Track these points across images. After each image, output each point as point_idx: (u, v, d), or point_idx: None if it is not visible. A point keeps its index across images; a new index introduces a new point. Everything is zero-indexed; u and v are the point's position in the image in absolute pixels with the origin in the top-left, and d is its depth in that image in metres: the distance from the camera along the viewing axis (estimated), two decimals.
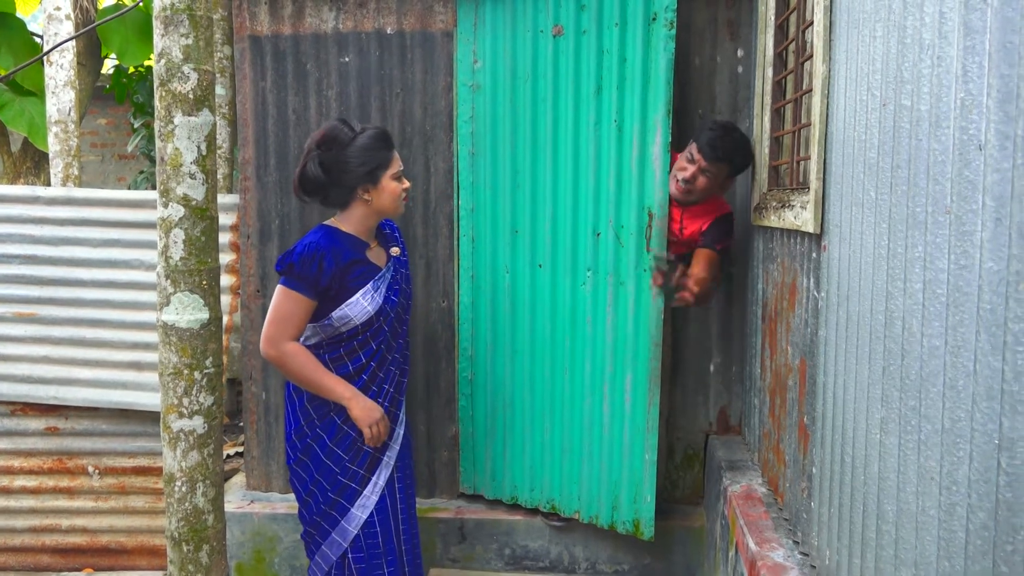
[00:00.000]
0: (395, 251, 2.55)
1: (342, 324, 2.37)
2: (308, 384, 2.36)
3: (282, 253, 2.40)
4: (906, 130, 1.38)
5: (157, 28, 1.85)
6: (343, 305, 2.35)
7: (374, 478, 2.45)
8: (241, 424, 4.84)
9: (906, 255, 1.37)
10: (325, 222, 2.45)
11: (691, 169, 2.72)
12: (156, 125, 1.89)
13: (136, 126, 6.26)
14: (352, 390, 2.35)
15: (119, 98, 6.33)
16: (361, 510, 2.44)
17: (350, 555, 2.44)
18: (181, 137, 1.87)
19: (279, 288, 2.33)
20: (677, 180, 2.76)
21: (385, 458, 2.48)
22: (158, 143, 1.89)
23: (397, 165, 2.41)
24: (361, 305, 2.37)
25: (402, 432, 2.55)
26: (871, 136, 1.56)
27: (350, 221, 2.42)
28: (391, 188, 2.39)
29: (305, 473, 2.45)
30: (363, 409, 2.35)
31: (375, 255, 2.47)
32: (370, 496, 2.45)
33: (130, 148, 6.51)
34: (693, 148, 2.73)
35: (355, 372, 2.42)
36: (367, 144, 2.34)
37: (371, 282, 2.40)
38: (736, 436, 3.17)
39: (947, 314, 1.21)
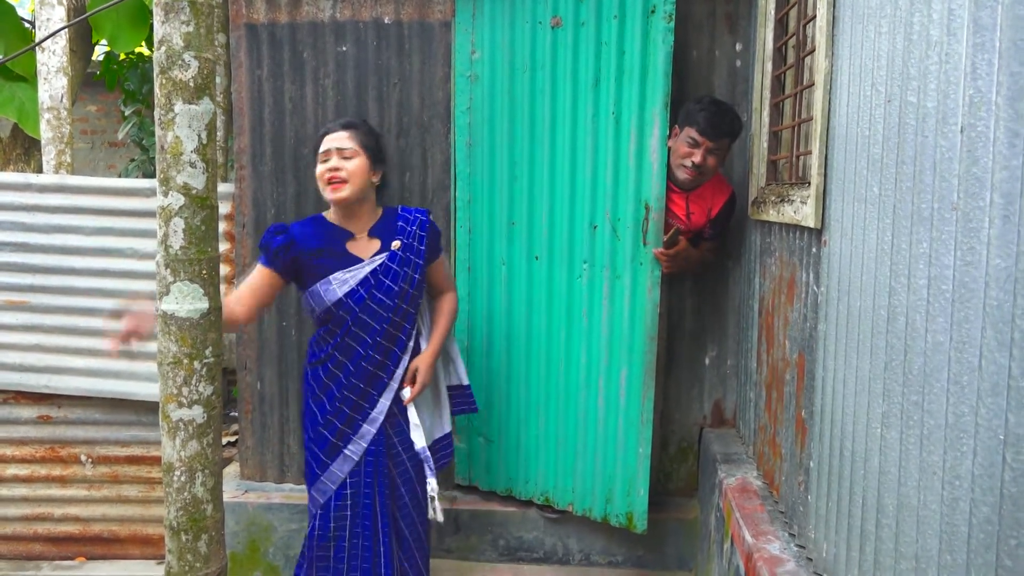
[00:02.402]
0: (395, 245, 2.44)
1: (307, 309, 2.46)
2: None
3: None
4: (912, 126, 1.38)
5: (157, 15, 1.83)
6: (306, 291, 2.43)
7: (331, 465, 2.44)
8: (233, 414, 4.83)
9: (910, 251, 1.37)
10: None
11: (699, 152, 2.73)
12: (156, 113, 1.87)
13: (127, 113, 6.20)
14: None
15: (110, 85, 6.27)
16: (319, 494, 2.45)
17: (308, 531, 2.50)
18: (182, 125, 1.85)
19: None
20: (685, 167, 2.75)
21: (346, 450, 2.44)
22: (158, 131, 1.88)
23: (324, 144, 2.39)
24: (318, 294, 2.39)
25: (373, 430, 2.45)
26: (875, 132, 1.57)
27: (332, 209, 2.48)
28: (318, 171, 2.40)
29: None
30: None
31: (358, 246, 2.43)
32: (325, 482, 2.45)
33: (120, 135, 6.46)
34: (693, 132, 2.72)
35: (324, 357, 2.46)
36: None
37: (336, 272, 2.38)
38: (730, 429, 3.18)
39: (952, 310, 1.22)
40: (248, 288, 2.38)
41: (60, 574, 3.35)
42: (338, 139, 2.37)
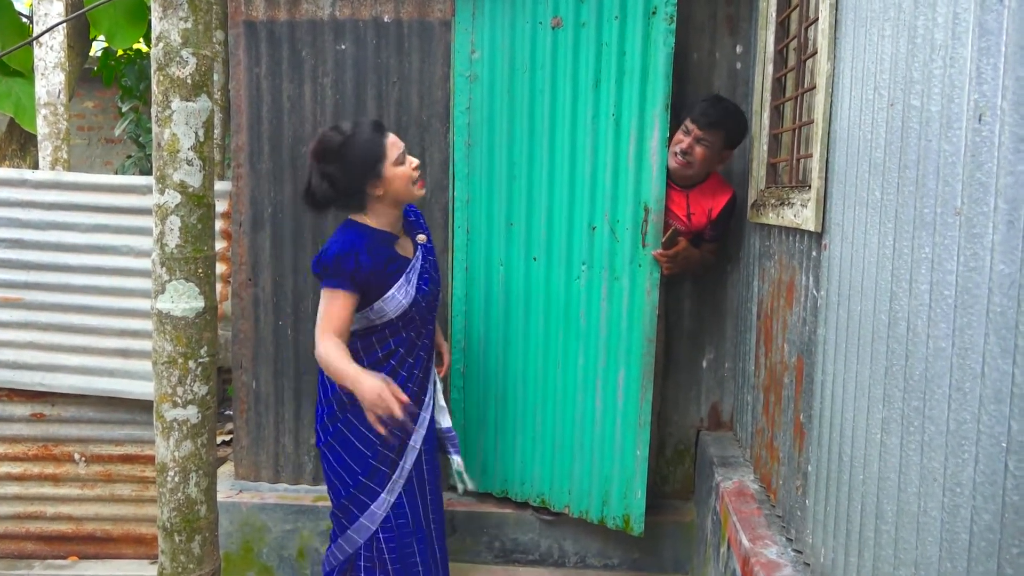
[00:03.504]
0: (421, 238, 2.53)
1: (378, 317, 2.39)
2: (334, 373, 2.28)
3: (316, 254, 2.36)
4: (915, 131, 1.37)
5: (155, 11, 1.82)
6: (380, 300, 2.36)
7: (402, 462, 2.47)
8: (228, 413, 4.81)
9: (912, 256, 1.37)
10: (352, 216, 2.41)
11: (687, 140, 2.76)
12: (153, 110, 1.86)
13: (124, 110, 6.18)
14: (358, 373, 2.21)
15: (107, 81, 6.25)
16: (390, 493, 2.46)
17: (381, 535, 2.47)
18: (179, 123, 1.84)
19: (322, 291, 2.32)
20: (676, 154, 2.77)
21: (411, 442, 2.48)
22: (155, 128, 1.86)
23: (396, 150, 2.34)
24: (397, 299, 2.37)
25: (428, 416, 2.55)
26: (877, 136, 1.56)
27: (374, 218, 2.39)
28: (396, 174, 2.33)
29: (333, 457, 2.46)
30: (363, 391, 2.19)
31: (403, 246, 2.46)
32: (398, 480, 2.47)
33: (117, 132, 6.43)
34: (687, 121, 2.77)
35: (384, 358, 2.42)
36: (357, 141, 2.30)
37: (403, 275, 2.39)
38: (727, 432, 3.17)
39: (954, 316, 1.21)
40: (344, 324, 2.31)
41: (52, 573, 3.33)
42: (396, 143, 2.37)
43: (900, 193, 1.43)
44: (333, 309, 2.30)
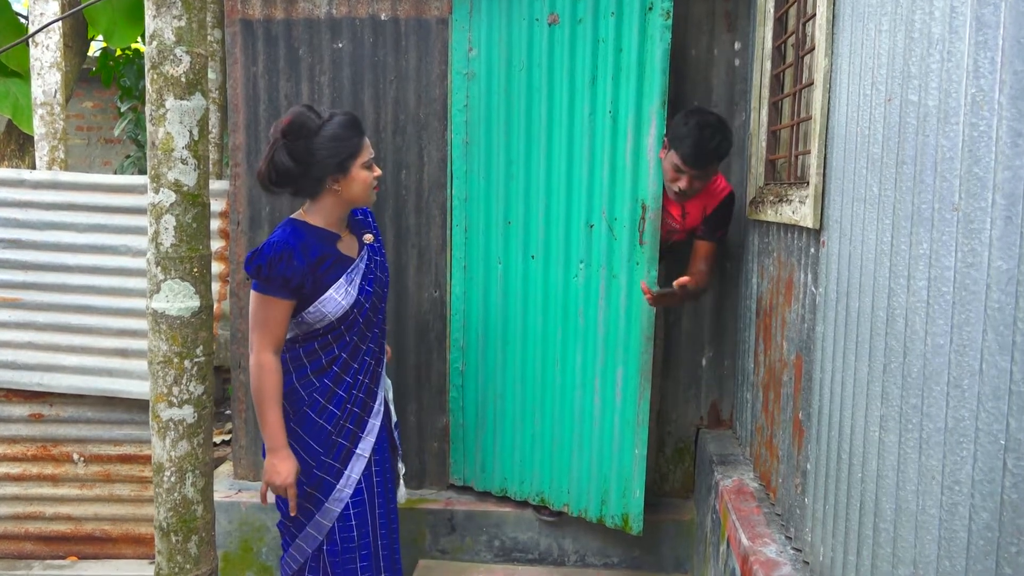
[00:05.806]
0: (368, 238, 2.44)
1: (317, 321, 2.30)
2: (257, 406, 2.28)
3: (250, 251, 2.26)
4: (912, 126, 1.36)
5: (149, 9, 1.81)
6: (317, 302, 2.27)
7: (347, 471, 2.38)
8: (227, 412, 4.81)
9: (910, 252, 1.35)
10: (293, 215, 2.34)
11: (683, 180, 2.61)
12: (147, 109, 1.85)
13: (123, 110, 6.19)
14: (281, 442, 2.27)
15: (105, 81, 6.25)
16: (336, 503, 2.37)
17: (325, 547, 2.38)
18: (173, 121, 1.83)
19: (252, 294, 2.25)
20: (672, 190, 2.68)
21: (358, 450, 2.40)
22: (149, 127, 1.86)
23: (368, 153, 2.28)
24: (335, 300, 2.28)
25: (378, 423, 2.45)
26: (875, 131, 1.55)
27: (319, 213, 2.31)
28: (361, 177, 2.27)
29: None
30: (274, 466, 2.27)
31: (346, 246, 2.36)
32: (343, 489, 2.37)
33: (116, 132, 6.43)
34: (677, 159, 2.58)
35: (327, 364, 2.34)
36: (336, 132, 2.21)
37: (344, 275, 2.30)
38: (727, 430, 3.17)
39: (952, 312, 1.20)
40: (282, 332, 2.26)
41: (52, 573, 3.33)
42: (369, 147, 2.31)
43: (898, 189, 1.42)
44: (270, 318, 2.23)
